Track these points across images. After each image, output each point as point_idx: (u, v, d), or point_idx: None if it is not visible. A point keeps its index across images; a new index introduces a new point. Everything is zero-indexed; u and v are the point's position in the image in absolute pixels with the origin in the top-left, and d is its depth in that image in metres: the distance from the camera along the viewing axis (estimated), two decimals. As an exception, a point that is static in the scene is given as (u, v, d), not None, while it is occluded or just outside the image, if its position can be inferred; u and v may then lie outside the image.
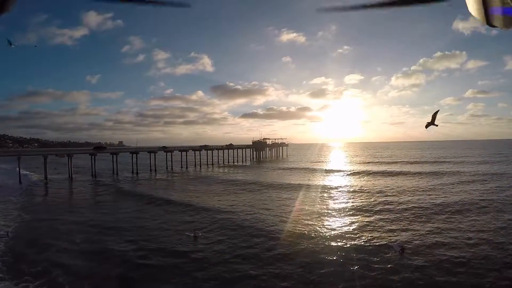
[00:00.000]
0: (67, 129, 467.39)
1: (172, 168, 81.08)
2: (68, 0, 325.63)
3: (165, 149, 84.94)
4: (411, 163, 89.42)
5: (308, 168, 76.73)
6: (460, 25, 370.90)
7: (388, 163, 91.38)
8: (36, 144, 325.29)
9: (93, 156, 70.42)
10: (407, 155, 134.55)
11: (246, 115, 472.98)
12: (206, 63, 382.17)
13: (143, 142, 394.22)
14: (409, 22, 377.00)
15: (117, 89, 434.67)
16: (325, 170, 70.72)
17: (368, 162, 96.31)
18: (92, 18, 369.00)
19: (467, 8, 0.92)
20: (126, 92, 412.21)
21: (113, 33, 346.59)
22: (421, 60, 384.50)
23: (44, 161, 63.81)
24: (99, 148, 79.23)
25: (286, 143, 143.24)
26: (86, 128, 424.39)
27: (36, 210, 34.79)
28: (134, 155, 76.67)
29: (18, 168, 62.39)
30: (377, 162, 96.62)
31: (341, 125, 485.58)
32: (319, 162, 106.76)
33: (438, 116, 14.12)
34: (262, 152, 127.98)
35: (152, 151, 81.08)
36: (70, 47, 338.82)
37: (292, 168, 77.59)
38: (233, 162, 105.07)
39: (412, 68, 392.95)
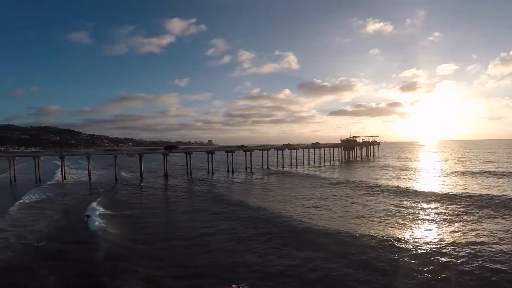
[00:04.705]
0: (159, 129, 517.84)
1: (251, 169, 69.59)
2: (149, 10, 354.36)
3: (244, 148, 73.56)
4: None
5: (423, 192, 39.18)
6: None
7: None
8: (130, 144, 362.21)
9: (165, 156, 62.99)
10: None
11: (334, 113, 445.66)
12: (292, 60, 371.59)
13: (230, 141, 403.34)
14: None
15: (204, 91, 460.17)
16: (456, 194, 36.87)
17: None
18: (176, 25, 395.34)
19: None
20: (213, 93, 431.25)
21: (197, 37, 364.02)
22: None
23: (114, 161, 62.09)
24: (171, 147, 73.46)
25: (378, 141, 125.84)
26: (177, 128, 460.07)
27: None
28: (210, 155, 68.05)
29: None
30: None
31: (433, 121, 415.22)
32: (430, 173, 64.14)
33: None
34: (352, 151, 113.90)
35: (229, 150, 70.81)
36: (158, 54, 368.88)
37: (399, 192, 39.95)
38: (319, 163, 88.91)
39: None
